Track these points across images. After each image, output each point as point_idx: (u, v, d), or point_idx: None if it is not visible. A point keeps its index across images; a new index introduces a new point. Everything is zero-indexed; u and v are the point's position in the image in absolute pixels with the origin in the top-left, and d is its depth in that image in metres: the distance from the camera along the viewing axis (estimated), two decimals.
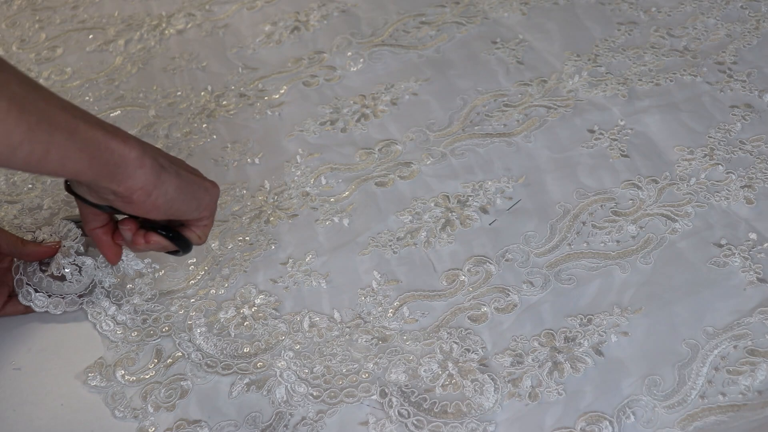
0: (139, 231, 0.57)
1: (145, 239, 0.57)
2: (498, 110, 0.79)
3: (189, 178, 0.54)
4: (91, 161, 0.47)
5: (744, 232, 0.65)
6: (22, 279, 0.63)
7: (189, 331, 0.62)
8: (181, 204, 0.54)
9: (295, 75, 0.88)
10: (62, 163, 0.45)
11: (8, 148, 0.42)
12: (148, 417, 0.57)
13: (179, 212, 0.55)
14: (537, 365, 0.57)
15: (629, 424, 0.53)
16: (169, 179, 0.52)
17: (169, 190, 0.52)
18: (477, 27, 0.92)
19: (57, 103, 0.46)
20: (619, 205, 0.68)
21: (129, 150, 0.49)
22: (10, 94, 0.42)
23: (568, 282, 0.63)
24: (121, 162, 0.48)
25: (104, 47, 0.97)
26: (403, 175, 0.74)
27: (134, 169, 0.49)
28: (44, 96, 0.45)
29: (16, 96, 0.42)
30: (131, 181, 0.50)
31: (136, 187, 0.50)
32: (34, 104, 0.43)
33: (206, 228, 0.59)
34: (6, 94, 0.42)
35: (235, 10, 1.00)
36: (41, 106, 0.44)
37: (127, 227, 0.57)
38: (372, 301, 0.63)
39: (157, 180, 0.51)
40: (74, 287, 0.64)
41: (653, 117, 0.77)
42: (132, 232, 0.57)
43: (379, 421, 0.55)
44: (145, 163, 0.50)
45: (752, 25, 0.88)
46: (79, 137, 0.46)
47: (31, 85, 0.45)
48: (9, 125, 0.42)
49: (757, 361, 0.55)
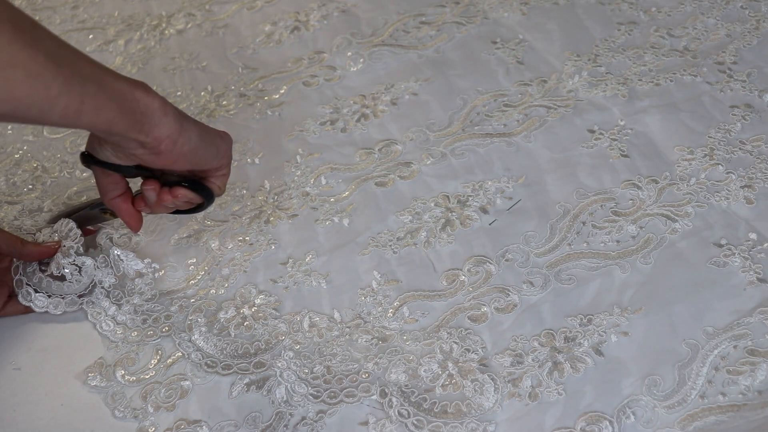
0: (163, 188, 0.58)
1: (171, 194, 0.58)
2: (498, 110, 0.79)
3: (205, 129, 0.56)
4: (121, 110, 0.48)
5: (744, 232, 0.65)
6: (22, 279, 0.63)
7: (189, 331, 0.62)
8: (204, 150, 0.56)
9: (295, 75, 0.88)
10: (96, 113, 0.47)
11: (47, 102, 0.44)
12: (148, 417, 0.57)
13: (202, 159, 0.56)
14: (537, 365, 0.57)
15: (629, 424, 0.53)
16: (190, 127, 0.54)
17: (192, 137, 0.54)
18: (477, 27, 0.92)
19: (83, 57, 0.47)
20: (619, 205, 0.68)
21: (152, 99, 0.50)
22: (45, 49, 0.43)
23: (568, 282, 0.63)
24: (147, 111, 0.50)
25: (104, 47, 0.97)
26: (403, 175, 0.74)
27: (159, 118, 0.51)
28: (72, 50, 0.47)
29: (51, 50, 0.44)
30: (158, 129, 0.51)
31: (164, 136, 0.51)
32: (66, 58, 0.45)
33: (224, 177, 0.61)
34: (42, 48, 0.43)
35: (235, 10, 1.00)
36: (72, 59, 0.46)
37: (151, 187, 0.58)
38: (372, 301, 0.63)
39: (181, 128, 0.52)
40: (74, 287, 0.64)
41: (653, 117, 0.77)
42: (156, 191, 0.58)
43: (379, 421, 0.55)
44: (168, 111, 0.51)
45: (752, 25, 0.88)
46: (107, 87, 0.47)
47: (60, 40, 0.46)
48: (47, 79, 0.43)
49: (757, 361, 0.56)
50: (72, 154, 0.81)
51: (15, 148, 0.83)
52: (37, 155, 0.81)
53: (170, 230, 0.71)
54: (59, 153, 0.81)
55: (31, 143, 0.83)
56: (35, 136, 0.84)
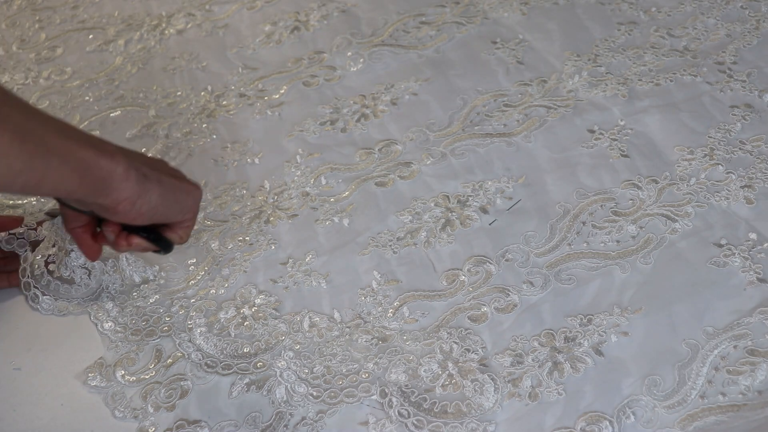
0: (121, 233, 0.58)
1: (127, 241, 0.58)
2: (498, 110, 0.79)
3: (171, 184, 0.56)
4: (82, 180, 0.49)
5: (744, 232, 0.65)
6: (30, 282, 0.63)
7: (189, 331, 0.62)
8: (165, 209, 0.55)
9: (295, 75, 0.88)
10: (56, 186, 0.48)
11: (9, 177, 0.44)
12: (148, 417, 0.57)
13: (163, 217, 0.56)
14: (537, 365, 0.57)
15: (629, 424, 0.53)
16: (152, 188, 0.53)
17: (153, 198, 0.53)
18: (477, 27, 0.92)
19: (53, 126, 0.47)
20: (619, 205, 0.68)
21: (116, 165, 0.50)
22: (12, 126, 0.44)
23: (568, 282, 0.63)
24: (108, 177, 0.50)
25: (104, 47, 0.97)
26: (403, 175, 0.74)
27: (120, 182, 0.51)
28: (42, 121, 0.47)
29: (18, 126, 0.44)
30: (117, 193, 0.51)
31: (122, 199, 0.52)
32: (33, 132, 0.45)
33: (188, 228, 0.60)
34: (9, 126, 0.43)
35: (235, 10, 1.00)
36: (39, 133, 0.46)
37: (110, 229, 0.58)
38: (372, 301, 0.63)
39: (141, 190, 0.52)
40: (81, 291, 0.64)
41: (653, 117, 0.77)
42: (115, 234, 0.58)
43: (379, 421, 0.55)
44: (130, 176, 0.51)
45: (752, 25, 0.88)
46: (72, 158, 0.48)
47: (30, 111, 0.47)
48: (11, 157, 0.43)
49: (757, 361, 0.56)
50: None
51: None
52: None
53: None
54: None
55: None
56: None
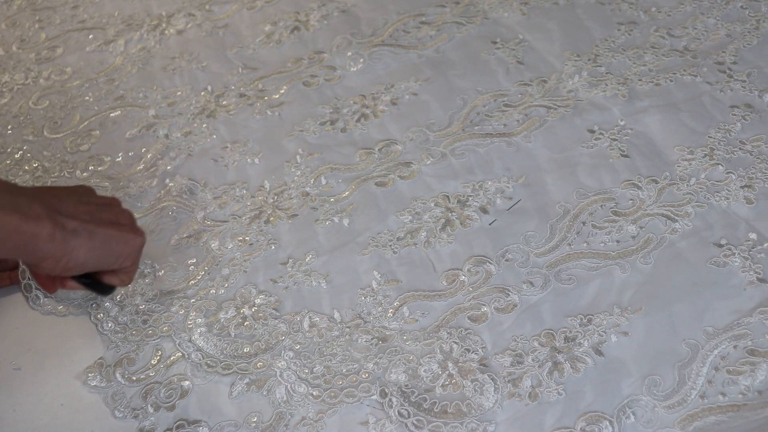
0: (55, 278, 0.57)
1: (60, 283, 0.58)
2: (498, 110, 0.79)
3: (105, 236, 0.54)
4: (3, 245, 0.49)
5: (744, 232, 0.65)
6: (31, 284, 0.63)
7: (189, 331, 0.62)
8: (95, 261, 0.55)
9: (295, 75, 0.88)
10: None
11: None
12: (148, 417, 0.57)
13: (96, 266, 0.56)
14: (537, 365, 0.57)
15: (629, 424, 0.53)
16: (79, 244, 0.52)
17: (80, 254, 0.53)
18: (477, 27, 0.92)
19: None
20: (619, 205, 0.68)
21: (40, 228, 0.50)
22: None
23: (568, 282, 0.63)
24: (32, 241, 0.50)
25: (104, 47, 0.97)
26: (403, 175, 0.74)
27: (44, 244, 0.50)
28: None
29: None
30: (40, 253, 0.51)
31: (45, 257, 0.51)
32: None
33: (130, 273, 0.60)
34: None
35: (235, 10, 1.00)
36: None
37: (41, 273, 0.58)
38: (372, 301, 0.63)
39: (66, 248, 0.52)
40: (81, 292, 0.64)
41: (653, 117, 0.77)
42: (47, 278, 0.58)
43: (379, 421, 0.55)
44: (55, 237, 0.51)
45: (752, 25, 0.88)
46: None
47: None
48: None
49: (757, 361, 0.56)
50: (72, 154, 0.81)
51: (15, 148, 0.83)
52: (37, 155, 0.81)
53: (170, 230, 0.71)
54: (59, 153, 0.81)
55: (31, 143, 0.83)
56: (35, 135, 0.84)
